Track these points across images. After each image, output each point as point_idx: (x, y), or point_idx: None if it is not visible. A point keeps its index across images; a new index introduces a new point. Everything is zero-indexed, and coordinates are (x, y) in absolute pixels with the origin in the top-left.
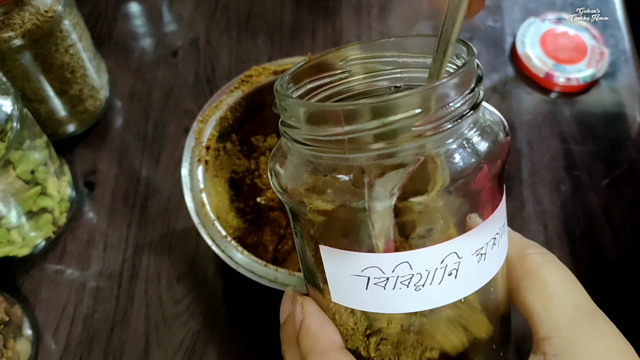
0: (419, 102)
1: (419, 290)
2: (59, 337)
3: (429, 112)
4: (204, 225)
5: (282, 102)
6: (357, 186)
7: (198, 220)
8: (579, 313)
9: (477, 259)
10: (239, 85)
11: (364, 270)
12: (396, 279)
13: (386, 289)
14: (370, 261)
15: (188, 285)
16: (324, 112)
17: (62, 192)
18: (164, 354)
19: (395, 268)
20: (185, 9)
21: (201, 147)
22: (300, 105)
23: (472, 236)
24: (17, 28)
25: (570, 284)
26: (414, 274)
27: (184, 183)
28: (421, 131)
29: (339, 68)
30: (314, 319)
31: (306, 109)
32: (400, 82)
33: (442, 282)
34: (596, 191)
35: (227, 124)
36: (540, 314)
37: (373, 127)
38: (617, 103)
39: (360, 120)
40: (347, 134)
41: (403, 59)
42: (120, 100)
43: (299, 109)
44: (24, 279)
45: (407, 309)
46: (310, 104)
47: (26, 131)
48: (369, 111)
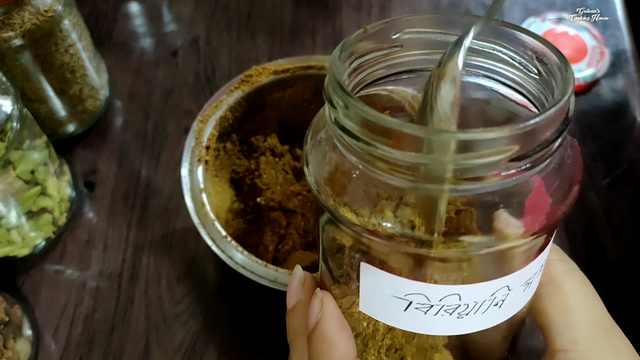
0: (520, 138)
1: (461, 318)
2: (58, 337)
3: (529, 147)
4: (204, 226)
5: (339, 99)
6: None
7: (198, 220)
8: (597, 329)
9: (524, 288)
10: (239, 85)
11: (407, 295)
12: (440, 307)
13: (427, 314)
14: (418, 288)
15: (188, 285)
16: (401, 132)
17: (62, 192)
18: (164, 354)
19: (443, 298)
20: (185, 9)
21: (201, 147)
22: (371, 117)
23: (526, 269)
24: (17, 28)
25: (590, 297)
26: (461, 304)
27: (183, 183)
28: (515, 168)
29: (392, 41)
30: (333, 323)
31: (378, 122)
32: None
33: (486, 311)
34: (596, 191)
35: (227, 123)
36: (558, 325)
37: (459, 161)
38: (617, 103)
39: (445, 151)
40: (425, 163)
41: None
42: (120, 100)
43: (367, 118)
44: (23, 279)
45: (443, 332)
46: (387, 120)
47: (26, 131)
48: (458, 143)
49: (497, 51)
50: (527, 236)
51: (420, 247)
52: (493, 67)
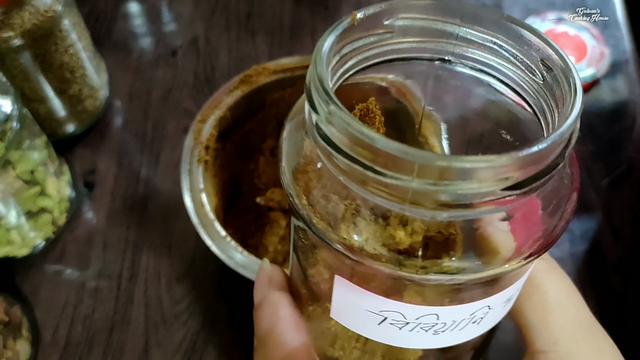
0: (522, 164)
1: (437, 334)
2: (58, 337)
3: (530, 174)
4: (204, 226)
5: (322, 103)
6: (413, 253)
7: (197, 220)
8: (579, 328)
9: (504, 305)
10: (239, 84)
11: (382, 311)
12: (417, 325)
13: (402, 329)
14: (394, 307)
15: (188, 285)
16: (388, 154)
17: (62, 192)
18: (163, 354)
19: (420, 317)
20: (185, 9)
21: (200, 147)
22: (356, 131)
23: (510, 288)
24: (17, 28)
25: (571, 296)
26: (438, 323)
27: (183, 183)
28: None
29: (384, 27)
30: (288, 327)
31: (365, 138)
32: (449, 56)
33: (464, 328)
34: (596, 191)
35: (227, 124)
36: (537, 325)
37: (450, 190)
38: (617, 103)
39: (435, 176)
40: (414, 188)
41: (463, 29)
42: (119, 100)
43: (352, 130)
44: (23, 279)
45: (417, 346)
46: (375, 137)
47: (25, 131)
48: (450, 170)
49: (498, 46)
50: (519, 261)
51: (402, 270)
52: (492, 63)
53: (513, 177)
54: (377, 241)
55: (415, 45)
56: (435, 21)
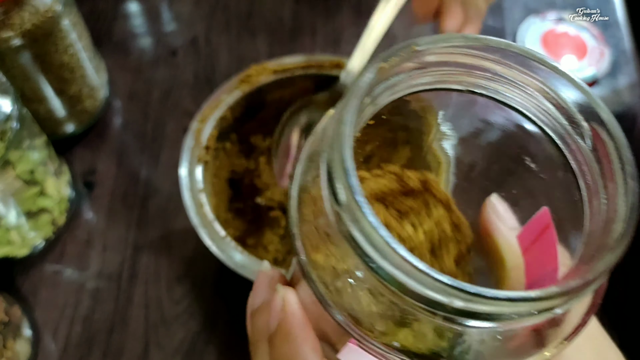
0: (565, 294)
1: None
2: (58, 338)
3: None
4: (203, 226)
5: (357, 217)
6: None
7: (197, 220)
8: (583, 338)
9: None
10: (239, 84)
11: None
12: None
13: None
14: None
15: (188, 285)
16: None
17: (62, 192)
18: (163, 355)
19: None
20: (185, 8)
21: (201, 147)
22: (393, 265)
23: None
24: (17, 28)
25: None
26: None
27: (182, 184)
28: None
29: (416, 64)
30: (297, 322)
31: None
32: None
33: None
34: None
35: (227, 124)
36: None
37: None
38: (617, 103)
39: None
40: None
41: (503, 72)
42: (119, 100)
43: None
44: (23, 280)
45: None
46: (419, 274)
47: (25, 131)
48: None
49: (542, 93)
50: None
51: None
52: (533, 107)
53: (554, 304)
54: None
55: (445, 78)
56: (465, 55)
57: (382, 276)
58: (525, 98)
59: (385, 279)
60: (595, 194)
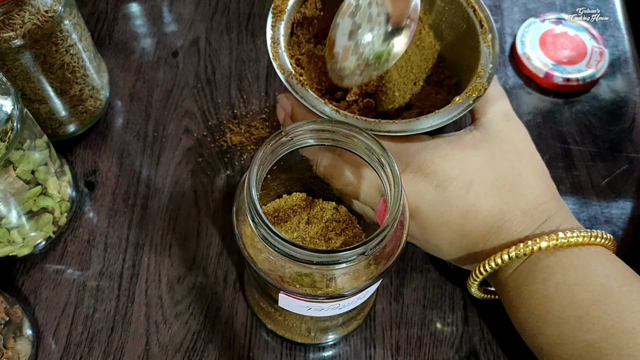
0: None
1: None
2: (59, 337)
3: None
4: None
5: (261, 230)
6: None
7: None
8: (502, 118)
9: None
10: (275, 21)
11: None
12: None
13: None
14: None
15: (188, 285)
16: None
17: (63, 192)
18: (164, 354)
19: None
20: (186, 9)
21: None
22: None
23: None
24: (18, 28)
25: (502, 97)
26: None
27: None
28: None
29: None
30: (302, 111)
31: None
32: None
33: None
34: (596, 191)
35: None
36: (479, 109)
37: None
38: (617, 103)
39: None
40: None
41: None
42: (120, 100)
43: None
44: (24, 279)
45: (328, 314)
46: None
47: (26, 131)
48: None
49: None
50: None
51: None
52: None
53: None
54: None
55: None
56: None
57: (278, 250)
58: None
59: (280, 252)
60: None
